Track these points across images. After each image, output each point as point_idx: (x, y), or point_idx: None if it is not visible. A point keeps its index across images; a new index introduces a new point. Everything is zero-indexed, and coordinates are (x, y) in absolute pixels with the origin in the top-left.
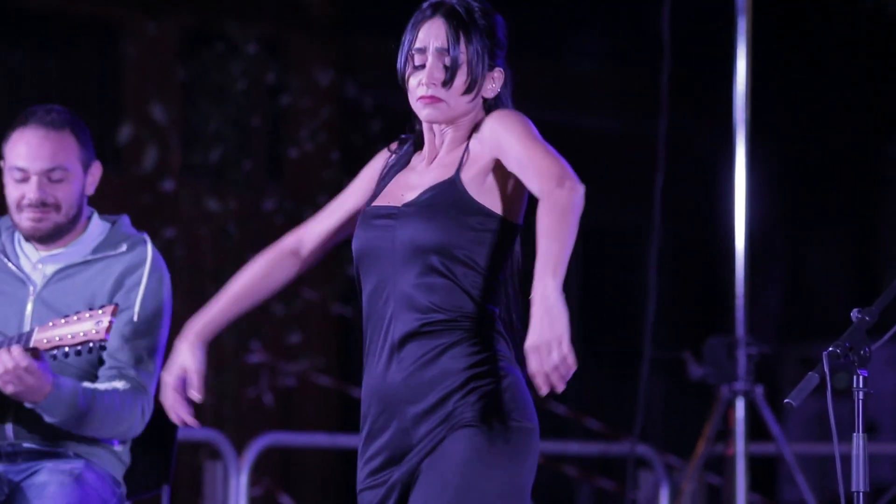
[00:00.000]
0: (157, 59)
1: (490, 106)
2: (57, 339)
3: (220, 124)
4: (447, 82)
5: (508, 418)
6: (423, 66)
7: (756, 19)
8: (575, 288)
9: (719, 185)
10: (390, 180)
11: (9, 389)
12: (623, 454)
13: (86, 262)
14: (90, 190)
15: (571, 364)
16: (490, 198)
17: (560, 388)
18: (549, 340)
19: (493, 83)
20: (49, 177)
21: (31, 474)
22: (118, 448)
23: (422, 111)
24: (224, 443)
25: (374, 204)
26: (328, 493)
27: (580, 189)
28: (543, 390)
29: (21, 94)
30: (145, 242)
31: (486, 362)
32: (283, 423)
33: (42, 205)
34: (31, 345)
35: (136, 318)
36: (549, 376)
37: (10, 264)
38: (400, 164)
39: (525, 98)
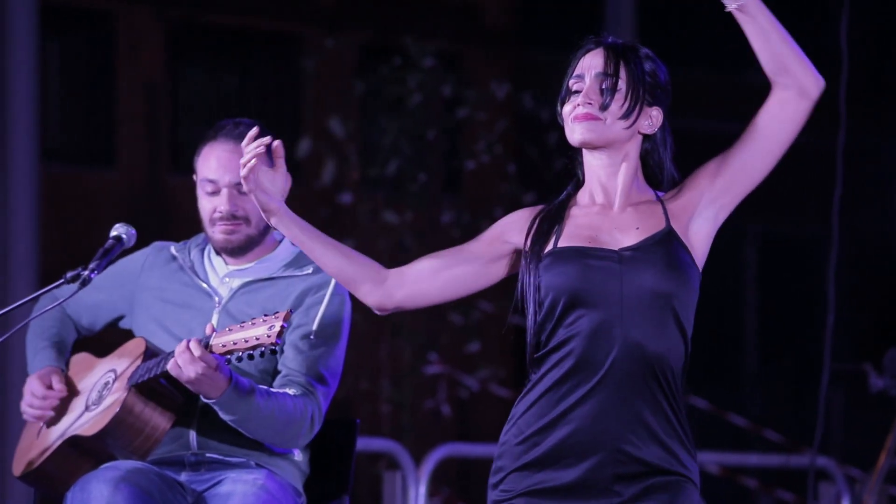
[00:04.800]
0: (335, 74)
1: (647, 150)
2: (232, 343)
3: (397, 137)
4: (605, 106)
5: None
6: (579, 93)
7: None
8: (754, 299)
9: None
10: (557, 224)
11: (187, 376)
12: (804, 466)
13: (271, 279)
14: None
15: None
16: (693, 251)
17: None
18: None
19: (651, 120)
20: (239, 189)
21: (215, 484)
22: (298, 458)
23: (575, 131)
24: (403, 453)
25: (573, 245)
26: None
27: None
28: None
29: (203, 110)
30: None
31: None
32: (461, 434)
33: (232, 217)
34: (208, 350)
35: (313, 335)
36: None
37: (198, 280)
38: (558, 211)
39: (705, 110)
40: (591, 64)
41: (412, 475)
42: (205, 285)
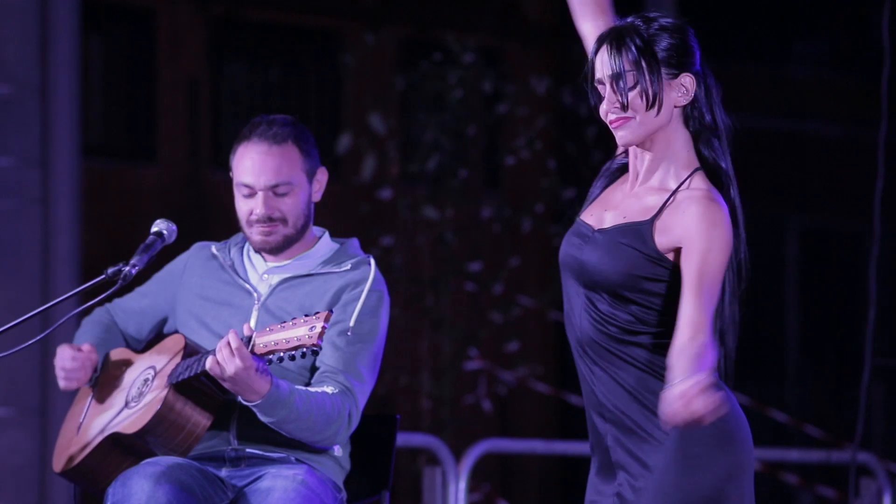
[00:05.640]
0: (375, 69)
1: (688, 115)
2: (273, 343)
3: (438, 133)
4: (626, 106)
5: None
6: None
7: None
8: (795, 293)
9: None
10: (605, 187)
11: (225, 374)
12: (844, 462)
13: (310, 276)
14: (317, 197)
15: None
16: (673, 252)
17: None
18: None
19: (685, 89)
20: (275, 191)
21: (255, 479)
22: (338, 454)
23: (616, 136)
24: (442, 449)
25: (582, 218)
26: (546, 499)
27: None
28: None
29: (243, 105)
30: (370, 264)
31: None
32: (501, 429)
33: (269, 220)
34: (250, 349)
35: (350, 332)
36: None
37: (238, 279)
38: (616, 174)
39: (746, 104)
40: (603, 63)
41: (452, 470)
42: (245, 283)
